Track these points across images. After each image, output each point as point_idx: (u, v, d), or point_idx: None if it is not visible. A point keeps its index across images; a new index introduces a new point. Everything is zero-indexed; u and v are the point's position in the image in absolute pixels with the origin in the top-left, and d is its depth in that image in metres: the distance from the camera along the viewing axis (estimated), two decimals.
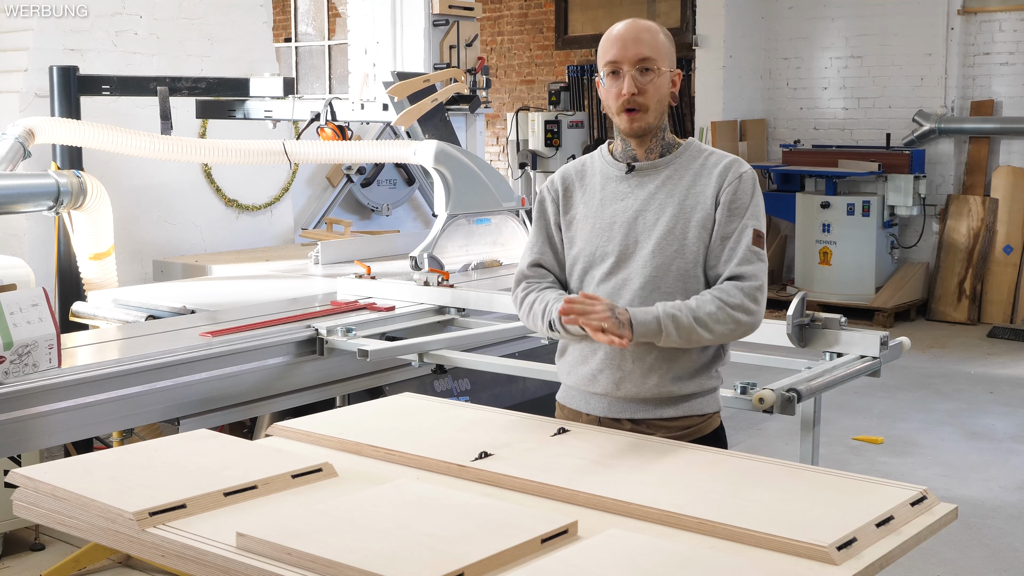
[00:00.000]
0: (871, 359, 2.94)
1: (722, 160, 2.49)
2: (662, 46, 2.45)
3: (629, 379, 2.45)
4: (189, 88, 5.34)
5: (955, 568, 4.29)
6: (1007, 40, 9.27)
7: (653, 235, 2.44)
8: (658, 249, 2.43)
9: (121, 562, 4.12)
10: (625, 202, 2.49)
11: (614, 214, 2.49)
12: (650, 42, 2.44)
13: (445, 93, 5.31)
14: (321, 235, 6.63)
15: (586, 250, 2.52)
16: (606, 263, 2.48)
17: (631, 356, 2.44)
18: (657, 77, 2.44)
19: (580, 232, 2.54)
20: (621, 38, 2.45)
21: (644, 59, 2.43)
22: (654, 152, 2.51)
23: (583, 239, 2.53)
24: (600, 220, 2.50)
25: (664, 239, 2.43)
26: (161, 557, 1.92)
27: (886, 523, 1.93)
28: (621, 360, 2.45)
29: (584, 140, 10.85)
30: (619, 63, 2.43)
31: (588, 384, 2.51)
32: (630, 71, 2.42)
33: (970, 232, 9.27)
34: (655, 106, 2.45)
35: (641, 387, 2.45)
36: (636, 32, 2.45)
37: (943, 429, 6.19)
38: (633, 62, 2.42)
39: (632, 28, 2.46)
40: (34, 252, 5.52)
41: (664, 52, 2.46)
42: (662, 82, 2.45)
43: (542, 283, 2.58)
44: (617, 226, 2.48)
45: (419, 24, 6.39)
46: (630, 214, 2.47)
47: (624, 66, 2.43)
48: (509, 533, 1.83)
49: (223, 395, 3.40)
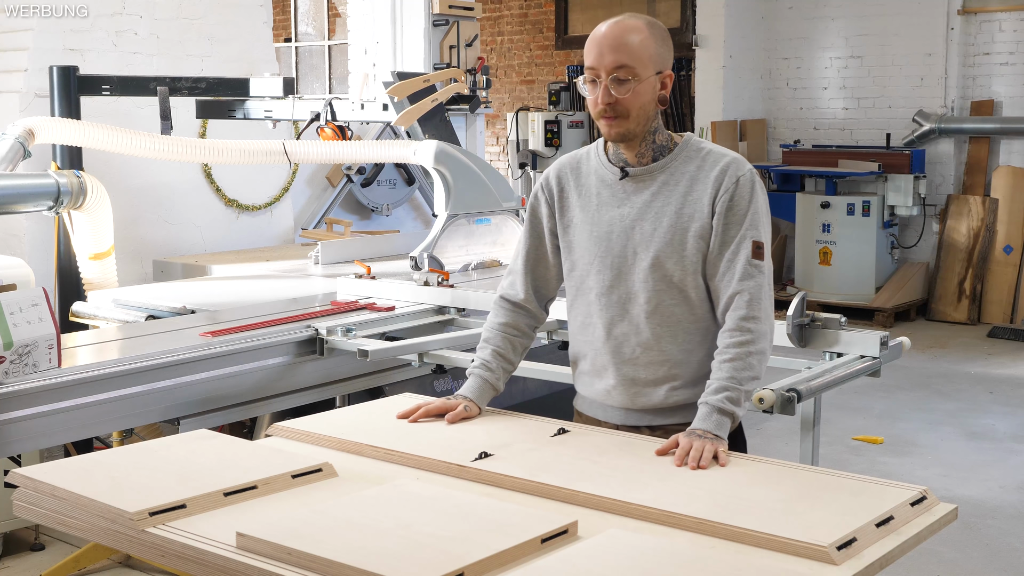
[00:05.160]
0: (871, 359, 2.94)
1: (719, 161, 2.40)
2: (645, 50, 2.33)
3: (643, 393, 2.47)
4: (189, 88, 5.34)
5: (955, 568, 4.29)
6: (1007, 40, 9.28)
7: (651, 247, 2.40)
8: (657, 262, 2.40)
9: (121, 562, 4.12)
10: (621, 209, 2.44)
11: (611, 222, 2.45)
12: (630, 48, 2.32)
13: (445, 93, 5.31)
14: (321, 235, 6.63)
15: (584, 258, 2.50)
16: (604, 276, 2.46)
17: (643, 371, 2.44)
18: (637, 84, 2.33)
19: (577, 238, 2.51)
20: (599, 44, 2.34)
21: (621, 67, 2.32)
22: (646, 156, 2.43)
23: (581, 247, 2.50)
24: (597, 228, 2.47)
25: (663, 251, 2.39)
26: (161, 557, 1.92)
27: (886, 523, 1.93)
28: (634, 375, 2.46)
29: (584, 140, 10.85)
30: (596, 70, 2.35)
31: (604, 398, 2.53)
32: (606, 79, 2.33)
33: (970, 232, 9.27)
34: (636, 113, 2.36)
35: (655, 398, 2.46)
36: (616, 37, 2.34)
37: (943, 429, 6.19)
38: (609, 70, 2.33)
39: (613, 32, 2.35)
40: (34, 252, 5.52)
41: (647, 56, 2.34)
42: (643, 88, 2.34)
43: (500, 316, 2.66)
44: (615, 235, 2.44)
45: (419, 24, 6.38)
46: (627, 223, 2.43)
47: (601, 73, 2.34)
48: (509, 533, 1.83)
49: (223, 395, 3.39)
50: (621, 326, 2.45)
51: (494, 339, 2.65)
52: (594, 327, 2.50)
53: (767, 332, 2.37)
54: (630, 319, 2.44)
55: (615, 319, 2.46)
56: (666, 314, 2.41)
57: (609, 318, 2.46)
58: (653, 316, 2.41)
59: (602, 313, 2.47)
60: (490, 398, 2.63)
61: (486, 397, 2.62)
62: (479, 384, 2.61)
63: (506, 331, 2.65)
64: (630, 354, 2.45)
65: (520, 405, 3.37)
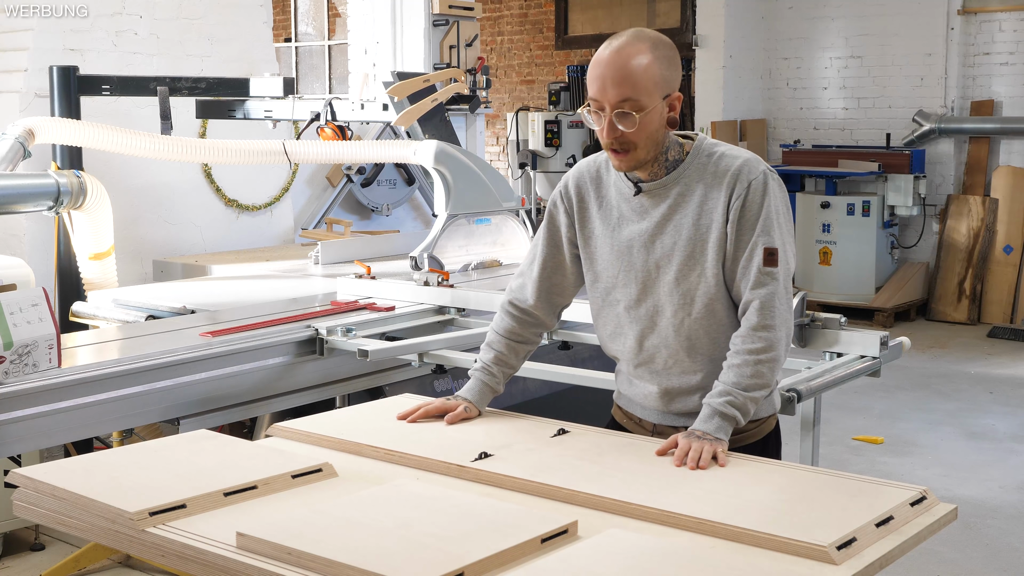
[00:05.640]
0: (871, 359, 2.94)
1: (731, 165, 2.35)
2: (650, 79, 2.26)
3: (678, 400, 2.47)
4: (189, 88, 5.34)
5: (955, 568, 4.29)
6: (1007, 40, 9.28)
7: (674, 261, 2.38)
8: (681, 275, 2.38)
9: (121, 562, 4.12)
10: (641, 224, 2.41)
11: (631, 237, 2.42)
12: (634, 80, 2.25)
13: (445, 93, 5.31)
14: (321, 235, 6.63)
15: (608, 271, 2.48)
16: (631, 289, 2.44)
17: (676, 379, 2.45)
18: (643, 116, 2.27)
19: (599, 251, 2.49)
20: (601, 76, 2.27)
21: (625, 100, 2.26)
22: (659, 173, 2.39)
23: (603, 260, 2.48)
24: (619, 243, 2.44)
25: (685, 264, 2.37)
26: (161, 557, 1.92)
27: (886, 523, 1.93)
28: (668, 384, 2.46)
29: (584, 140, 10.84)
30: (600, 102, 2.29)
31: (642, 400, 2.54)
32: (610, 114, 2.27)
33: (970, 232, 9.27)
34: (644, 142, 2.30)
35: (689, 403, 2.45)
36: (619, 68, 2.25)
37: (943, 429, 6.19)
38: (613, 105, 2.27)
39: (616, 62, 2.26)
40: (34, 252, 5.51)
41: (653, 84, 2.27)
42: (649, 119, 2.28)
43: (507, 322, 2.65)
44: (636, 250, 2.42)
45: (419, 24, 6.38)
46: (646, 237, 2.40)
47: (604, 107, 2.28)
48: (509, 533, 1.83)
49: (223, 395, 3.39)
50: (652, 338, 2.44)
51: (497, 343, 2.65)
52: (625, 337, 2.49)
53: (780, 340, 2.34)
54: (659, 332, 2.43)
55: (645, 332, 2.45)
56: (694, 326, 2.40)
57: (639, 331, 2.46)
58: (681, 329, 2.40)
59: (632, 325, 2.47)
60: (489, 400, 2.63)
61: (486, 399, 2.62)
62: (479, 387, 2.62)
63: (511, 337, 2.65)
64: (662, 365, 2.45)
65: (520, 405, 3.37)
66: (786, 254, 2.37)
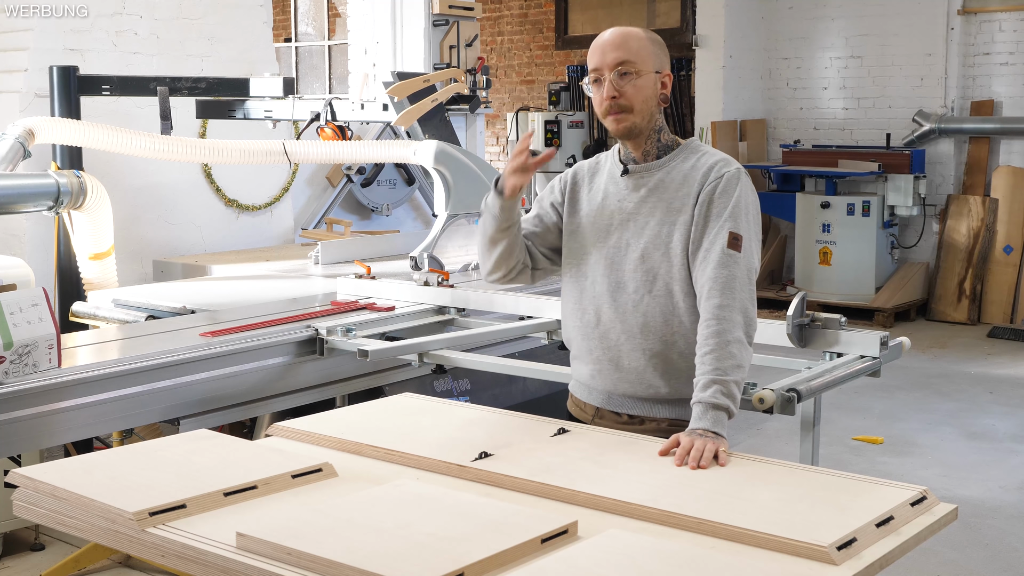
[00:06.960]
0: (871, 359, 2.94)
1: (710, 160, 2.52)
2: (644, 49, 2.49)
3: (626, 380, 2.54)
4: (189, 88, 5.34)
5: (955, 568, 4.29)
6: (1007, 40, 9.27)
7: (642, 239, 2.51)
8: (646, 254, 2.50)
9: (121, 562, 4.11)
10: (622, 203, 2.56)
11: (611, 215, 2.57)
12: (630, 46, 2.48)
13: (445, 93, 5.32)
14: (321, 235, 6.63)
15: (584, 247, 2.61)
16: (600, 265, 2.56)
17: (625, 358, 2.52)
18: (638, 78, 2.47)
19: (581, 225, 2.62)
20: (601, 46, 2.50)
21: (622, 63, 2.47)
22: (651, 154, 2.55)
23: (583, 235, 2.61)
24: (600, 220, 2.58)
25: (651, 243, 2.49)
26: (161, 557, 1.92)
27: (886, 523, 1.93)
28: (618, 361, 2.53)
29: (584, 140, 10.85)
30: (600, 70, 2.50)
31: (589, 379, 2.61)
32: (610, 75, 2.48)
33: (970, 232, 9.27)
34: (639, 107, 2.48)
35: (637, 387, 2.53)
36: (616, 38, 2.50)
37: (943, 429, 6.19)
38: (612, 67, 2.47)
39: (613, 35, 2.51)
40: (34, 252, 5.52)
41: (647, 54, 2.49)
42: (644, 83, 2.48)
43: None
44: (613, 227, 2.56)
45: (419, 24, 6.39)
46: (624, 216, 2.55)
47: (604, 71, 2.49)
48: (509, 533, 1.83)
49: (223, 395, 3.40)
50: (609, 312, 2.54)
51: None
52: (584, 311, 2.59)
53: (742, 322, 2.38)
54: (618, 307, 2.52)
55: (603, 307, 2.55)
56: (652, 304, 2.49)
57: (599, 306, 2.56)
58: (639, 306, 2.50)
59: (594, 300, 2.57)
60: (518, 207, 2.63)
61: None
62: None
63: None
64: (615, 340, 2.53)
65: (520, 405, 3.38)
66: (751, 247, 2.46)
